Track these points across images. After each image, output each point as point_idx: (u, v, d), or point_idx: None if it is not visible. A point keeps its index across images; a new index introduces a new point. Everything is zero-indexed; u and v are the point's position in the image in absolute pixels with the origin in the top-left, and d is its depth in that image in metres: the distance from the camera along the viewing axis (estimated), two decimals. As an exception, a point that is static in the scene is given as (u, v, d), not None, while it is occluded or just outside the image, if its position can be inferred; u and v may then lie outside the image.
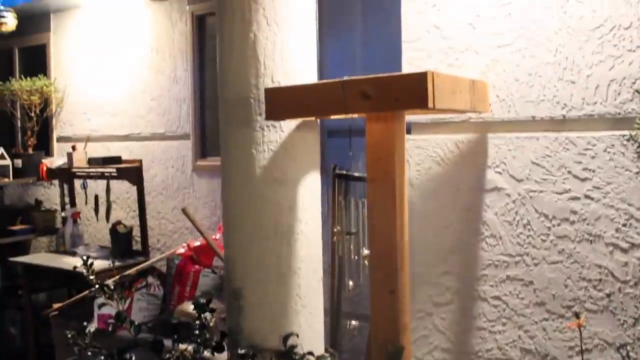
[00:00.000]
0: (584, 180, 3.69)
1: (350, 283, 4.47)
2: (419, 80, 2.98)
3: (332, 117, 3.87)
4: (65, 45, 8.06)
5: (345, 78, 3.20)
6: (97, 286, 3.51)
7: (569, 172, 3.73)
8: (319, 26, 4.19)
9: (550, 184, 3.79)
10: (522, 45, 3.85)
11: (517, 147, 3.88)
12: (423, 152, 4.21)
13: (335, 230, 4.41)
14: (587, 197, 3.67)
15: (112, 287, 3.52)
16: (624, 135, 3.53)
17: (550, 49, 3.77)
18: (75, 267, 3.91)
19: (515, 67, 3.87)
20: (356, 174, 4.32)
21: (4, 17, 7.53)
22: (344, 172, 4.33)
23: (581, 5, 3.67)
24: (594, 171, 3.64)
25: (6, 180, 7.74)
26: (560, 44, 3.74)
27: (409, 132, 4.21)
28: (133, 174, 6.75)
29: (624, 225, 3.56)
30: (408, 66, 4.21)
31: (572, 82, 3.71)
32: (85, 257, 3.55)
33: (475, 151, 4.02)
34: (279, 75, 3.67)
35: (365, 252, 4.25)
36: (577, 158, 3.70)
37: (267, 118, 3.50)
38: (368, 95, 3.10)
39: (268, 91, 3.48)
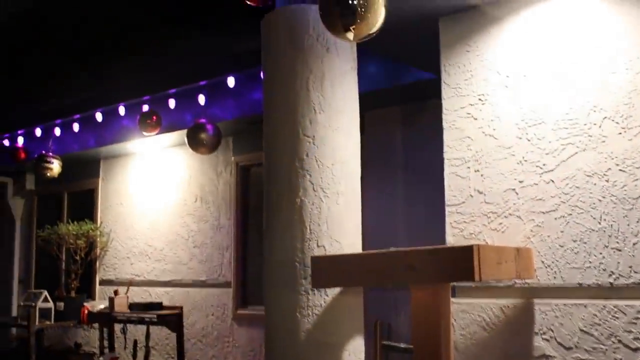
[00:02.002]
0: (635, 350, 3.60)
1: None
2: (465, 254, 3.01)
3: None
4: (113, 191, 8.31)
5: (391, 249, 3.24)
6: None
7: (620, 341, 3.65)
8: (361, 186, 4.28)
9: (600, 353, 3.70)
10: (566, 212, 3.87)
11: (565, 314, 3.82)
12: (468, 316, 4.17)
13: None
14: (639, 368, 3.57)
15: None
16: (674, 306, 3.47)
17: (595, 216, 3.78)
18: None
19: (559, 233, 3.88)
20: (402, 345, 4.27)
21: (50, 162, 7.81)
22: (390, 343, 4.28)
23: (623, 174, 3.70)
24: (645, 342, 3.56)
25: (47, 323, 7.79)
26: (604, 211, 3.76)
27: (453, 295, 4.19)
28: (173, 320, 6.75)
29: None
30: (451, 230, 4.24)
31: (619, 250, 3.69)
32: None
33: (522, 317, 3.97)
34: (324, 240, 3.73)
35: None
36: (628, 327, 3.63)
37: (314, 286, 3.53)
38: (414, 267, 3.12)
39: (314, 259, 3.52)
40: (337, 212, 3.80)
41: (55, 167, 7.84)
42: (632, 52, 3.75)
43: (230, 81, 6.10)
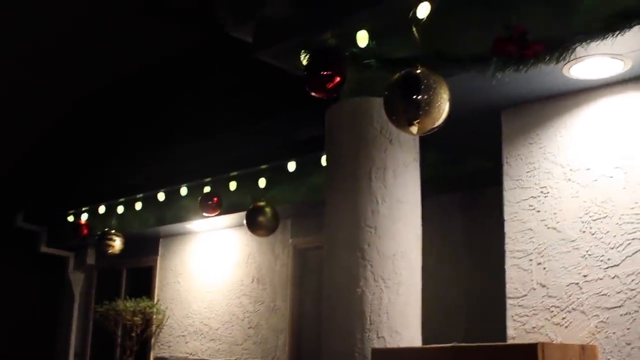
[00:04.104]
0: None
1: None
2: (529, 352, 2.96)
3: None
4: (171, 269, 8.42)
5: (454, 344, 3.21)
6: None
7: None
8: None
9: None
10: (632, 309, 3.79)
11: (633, 415, 3.70)
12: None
13: None
14: None
15: None
16: None
17: (662, 314, 3.69)
18: None
19: (625, 330, 3.79)
20: None
21: (113, 240, 7.97)
22: None
23: (693, 272, 3.63)
24: None
25: (100, 400, 7.82)
26: (672, 309, 3.67)
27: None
28: (226, 402, 6.72)
29: None
30: (512, 323, 4.18)
31: (689, 350, 3.58)
32: None
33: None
34: (384, 331, 3.72)
35: None
36: None
37: (374, 379, 3.50)
38: (477, 364, 3.08)
39: (375, 352, 3.51)
40: (397, 302, 3.80)
41: (117, 244, 8.00)
42: (699, 148, 3.72)
43: (291, 166, 6.21)
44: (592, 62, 3.75)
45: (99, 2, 7.18)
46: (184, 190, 7.32)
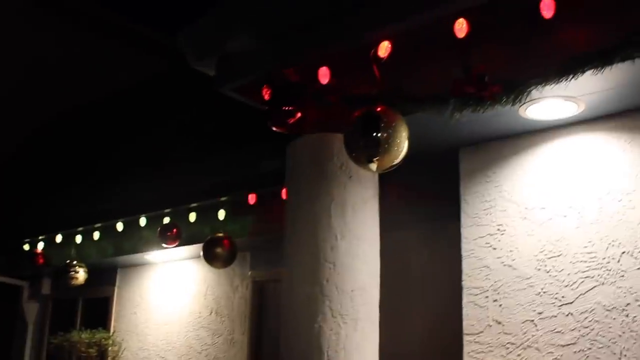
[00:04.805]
0: None
1: None
2: (485, 390, 2.98)
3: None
4: (127, 300, 8.31)
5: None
6: None
7: None
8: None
9: None
10: (586, 346, 3.86)
11: None
12: None
13: None
14: None
15: None
16: None
17: (615, 352, 3.77)
18: None
19: (579, 367, 3.85)
20: None
21: (76, 271, 7.84)
22: None
23: (644, 311, 3.70)
24: None
25: None
26: (624, 347, 3.74)
27: None
28: None
29: None
30: (469, 359, 4.21)
31: (640, 388, 3.64)
32: None
33: None
34: (341, 367, 3.71)
35: None
36: None
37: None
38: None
39: (331, 388, 3.50)
40: (355, 338, 3.81)
41: (81, 275, 7.86)
42: (649, 189, 3.82)
43: (251, 198, 6.20)
44: (547, 104, 3.85)
45: (64, 29, 7.14)
46: (143, 221, 7.26)
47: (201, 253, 6.40)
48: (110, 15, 6.89)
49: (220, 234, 6.34)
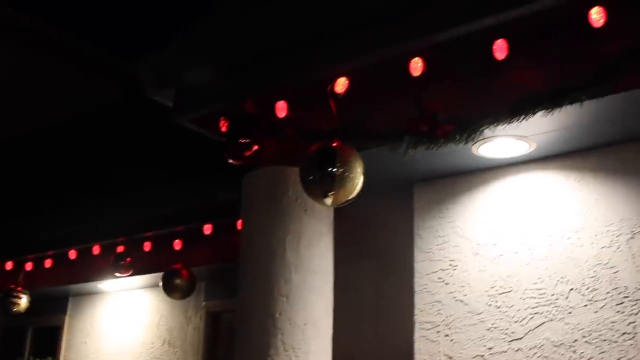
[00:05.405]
0: None
1: None
2: None
3: None
4: (79, 329, 8.17)
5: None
6: None
7: None
8: None
9: None
10: (534, 382, 3.90)
11: None
12: None
13: None
14: None
15: None
16: None
17: (562, 389, 3.81)
18: None
19: (527, 405, 3.89)
20: None
21: (19, 297, 7.68)
22: None
23: (590, 346, 3.78)
24: None
25: None
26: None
27: None
28: None
29: None
30: (421, 394, 4.24)
31: None
32: None
33: None
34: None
35: None
36: None
37: None
38: None
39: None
40: (307, 375, 3.80)
41: (23, 302, 7.71)
42: (597, 227, 3.91)
43: (207, 228, 6.18)
44: (499, 143, 3.93)
45: (19, 53, 7.07)
46: (96, 249, 7.17)
47: (160, 284, 6.34)
48: (68, 38, 6.86)
49: (179, 265, 6.29)
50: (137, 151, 7.15)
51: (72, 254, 7.40)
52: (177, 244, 6.46)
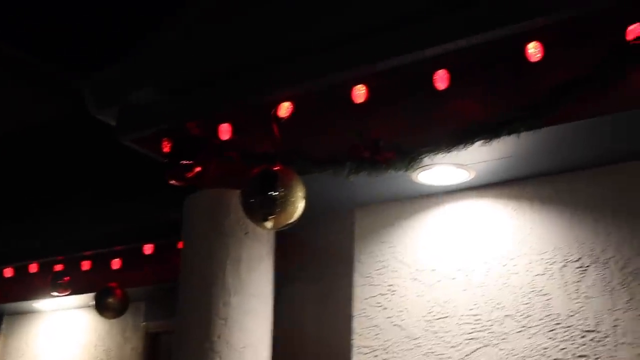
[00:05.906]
0: None
1: None
2: None
3: None
4: (14, 348, 7.97)
5: None
6: None
7: None
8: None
9: None
10: (472, 411, 3.94)
11: None
12: None
13: None
14: None
15: None
16: None
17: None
18: None
19: None
20: None
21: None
22: None
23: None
24: None
25: None
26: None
27: None
28: None
29: None
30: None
31: None
32: None
33: None
34: None
35: None
36: None
37: None
38: None
39: None
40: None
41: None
42: (531, 255, 4.00)
43: (147, 248, 6.12)
44: (439, 170, 4.00)
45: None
46: (33, 267, 7.02)
47: (92, 303, 6.26)
48: (16, 52, 6.77)
49: (113, 284, 6.22)
50: (80, 168, 7.05)
51: (8, 272, 7.23)
52: (116, 263, 6.38)
